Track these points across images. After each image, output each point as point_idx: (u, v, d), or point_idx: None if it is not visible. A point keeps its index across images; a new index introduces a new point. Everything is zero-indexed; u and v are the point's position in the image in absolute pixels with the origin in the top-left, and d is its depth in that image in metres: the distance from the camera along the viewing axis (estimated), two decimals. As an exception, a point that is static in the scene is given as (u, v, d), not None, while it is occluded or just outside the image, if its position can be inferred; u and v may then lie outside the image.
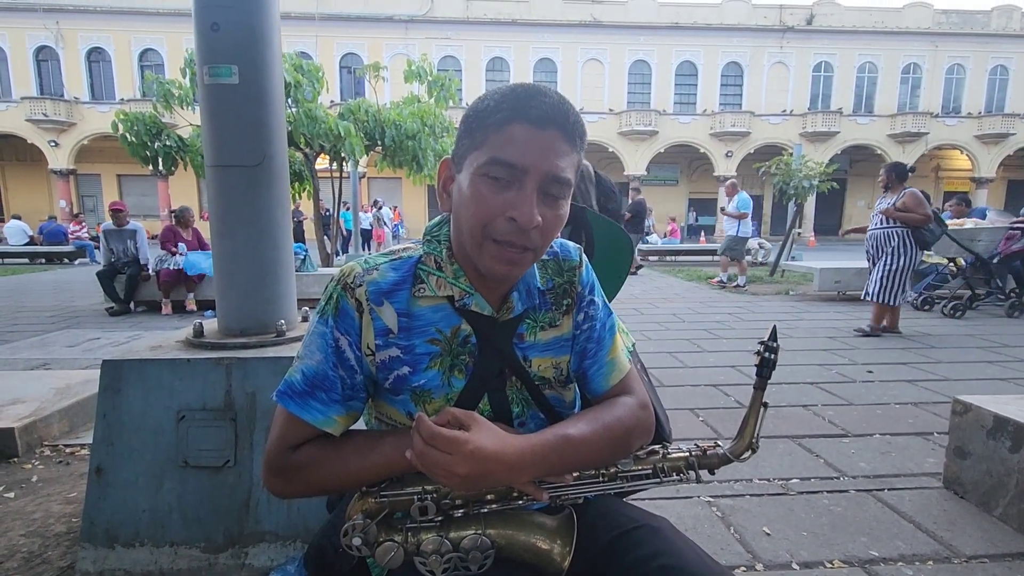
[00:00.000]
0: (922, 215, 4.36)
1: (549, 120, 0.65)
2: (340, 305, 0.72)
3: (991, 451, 1.80)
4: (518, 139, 0.64)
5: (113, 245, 6.19)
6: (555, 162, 0.65)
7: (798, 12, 25.48)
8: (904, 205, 4.43)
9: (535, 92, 0.66)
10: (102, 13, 22.97)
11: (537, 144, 0.64)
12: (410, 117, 6.75)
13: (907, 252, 4.46)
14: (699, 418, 2.72)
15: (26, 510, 1.79)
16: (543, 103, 0.65)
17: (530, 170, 0.64)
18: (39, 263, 12.32)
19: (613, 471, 0.72)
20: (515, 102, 0.65)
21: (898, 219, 4.46)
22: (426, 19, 24.28)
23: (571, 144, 0.67)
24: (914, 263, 4.51)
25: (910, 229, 4.44)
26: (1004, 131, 25.16)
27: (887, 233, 4.55)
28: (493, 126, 0.65)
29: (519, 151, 0.64)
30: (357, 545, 0.67)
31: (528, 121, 0.64)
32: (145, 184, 23.44)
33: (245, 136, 1.55)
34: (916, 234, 4.45)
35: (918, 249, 4.48)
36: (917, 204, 4.39)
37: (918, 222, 4.40)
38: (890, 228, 4.53)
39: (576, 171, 0.70)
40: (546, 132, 0.65)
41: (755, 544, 1.63)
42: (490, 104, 0.66)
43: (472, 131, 0.68)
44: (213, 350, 1.53)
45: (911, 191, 4.45)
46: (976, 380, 3.38)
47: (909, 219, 4.41)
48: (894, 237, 4.50)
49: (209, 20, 1.49)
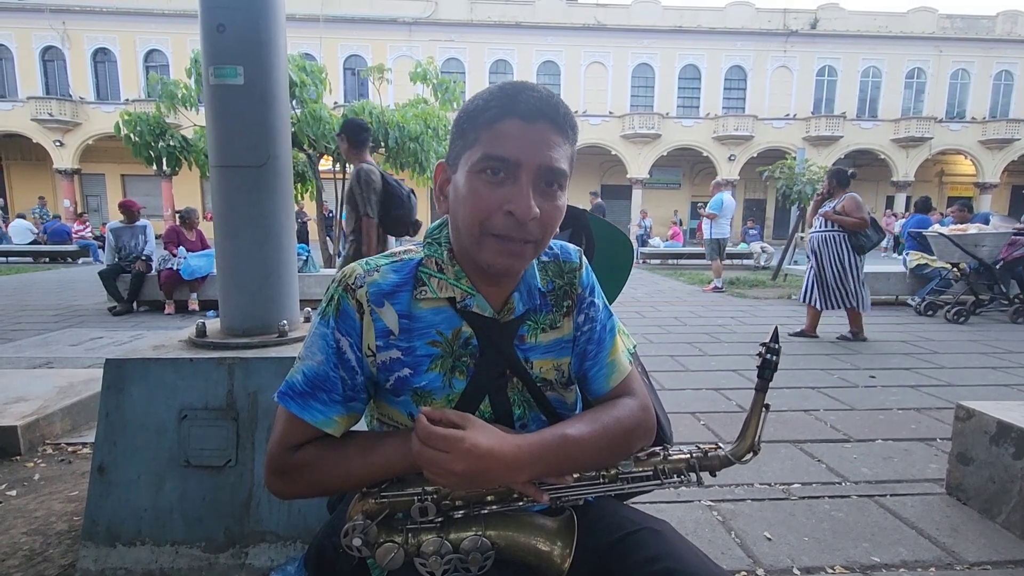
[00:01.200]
0: (858, 219, 4.42)
1: (539, 113, 0.66)
2: (341, 306, 0.72)
3: (994, 457, 1.79)
4: (509, 134, 0.65)
5: (124, 242, 6.21)
6: (548, 154, 0.66)
7: (802, 16, 25.49)
8: (843, 209, 4.50)
9: (523, 87, 0.67)
10: (108, 14, 23.09)
11: (529, 137, 0.65)
12: (413, 119, 6.77)
13: (844, 256, 4.51)
14: (700, 422, 2.72)
15: (28, 508, 1.79)
16: (532, 97, 0.66)
17: (523, 163, 0.65)
18: (43, 262, 12.37)
19: (614, 472, 0.72)
20: (504, 99, 0.66)
21: (837, 222, 4.54)
22: (430, 21, 24.35)
23: (563, 135, 0.68)
24: (855, 267, 4.52)
25: (847, 233, 4.51)
26: (1008, 136, 25.11)
27: (824, 236, 4.64)
28: (484, 124, 0.66)
29: (511, 145, 0.65)
30: (357, 546, 0.67)
31: (518, 115, 0.65)
32: (149, 184, 23.51)
33: (250, 136, 1.56)
34: (852, 239, 4.50)
35: (854, 254, 4.51)
36: (855, 208, 4.46)
37: (855, 226, 4.46)
38: (829, 232, 4.61)
39: (570, 162, 0.70)
40: (536, 125, 0.65)
41: (756, 549, 1.62)
42: (480, 103, 0.67)
43: (464, 131, 0.68)
44: (215, 350, 1.53)
45: (851, 195, 4.52)
46: (979, 386, 3.36)
47: (846, 222, 4.48)
48: (830, 241, 4.58)
49: (215, 21, 1.50)
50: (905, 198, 25.36)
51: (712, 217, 8.01)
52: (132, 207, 6.38)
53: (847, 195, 4.54)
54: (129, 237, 6.25)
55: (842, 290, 4.54)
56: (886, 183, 26.61)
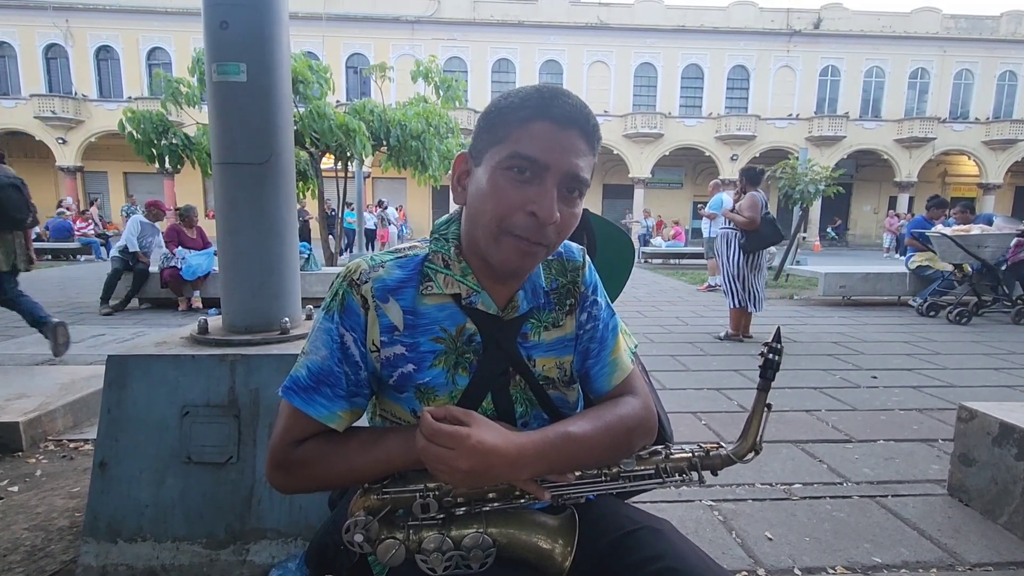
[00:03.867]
0: (746, 218, 4.44)
1: (571, 120, 0.66)
2: (346, 301, 0.72)
3: (996, 458, 1.79)
4: (540, 136, 0.65)
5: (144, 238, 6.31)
6: (575, 161, 0.66)
7: (805, 16, 25.42)
8: (739, 207, 4.54)
9: (558, 92, 0.68)
10: (111, 12, 23.14)
11: (559, 142, 0.66)
12: (415, 117, 6.76)
13: (735, 254, 4.54)
14: (701, 421, 2.71)
15: (30, 504, 1.80)
16: (566, 103, 0.67)
17: (551, 166, 0.65)
18: (45, 259, 12.39)
19: (615, 471, 0.72)
20: (539, 100, 0.66)
21: (730, 220, 4.59)
22: (432, 20, 24.34)
23: (589, 145, 0.69)
24: (740, 265, 4.53)
25: (739, 232, 4.53)
26: (1012, 137, 25.03)
27: (722, 234, 4.68)
28: (516, 122, 0.66)
29: (541, 147, 0.65)
30: (359, 542, 0.67)
31: (551, 119, 0.66)
32: (151, 182, 23.55)
33: (252, 134, 1.56)
34: (742, 237, 4.51)
35: (741, 252, 4.52)
36: (748, 207, 4.47)
37: (742, 225, 4.48)
38: (727, 230, 4.64)
39: (591, 173, 0.71)
40: (567, 131, 0.66)
41: (757, 549, 1.62)
42: (514, 101, 0.68)
43: (494, 126, 0.69)
44: (217, 347, 1.54)
45: (751, 194, 4.53)
46: (981, 387, 3.36)
47: (736, 220, 4.52)
48: (726, 239, 4.63)
49: (218, 18, 1.50)
50: (908, 199, 25.31)
51: (712, 217, 8.10)
52: (160, 207, 6.67)
53: (747, 194, 4.56)
54: (150, 234, 6.41)
55: (730, 287, 4.60)
56: (889, 183, 26.56)
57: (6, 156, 4.07)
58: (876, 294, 6.79)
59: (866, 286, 6.72)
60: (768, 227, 4.47)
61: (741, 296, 4.56)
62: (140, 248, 6.17)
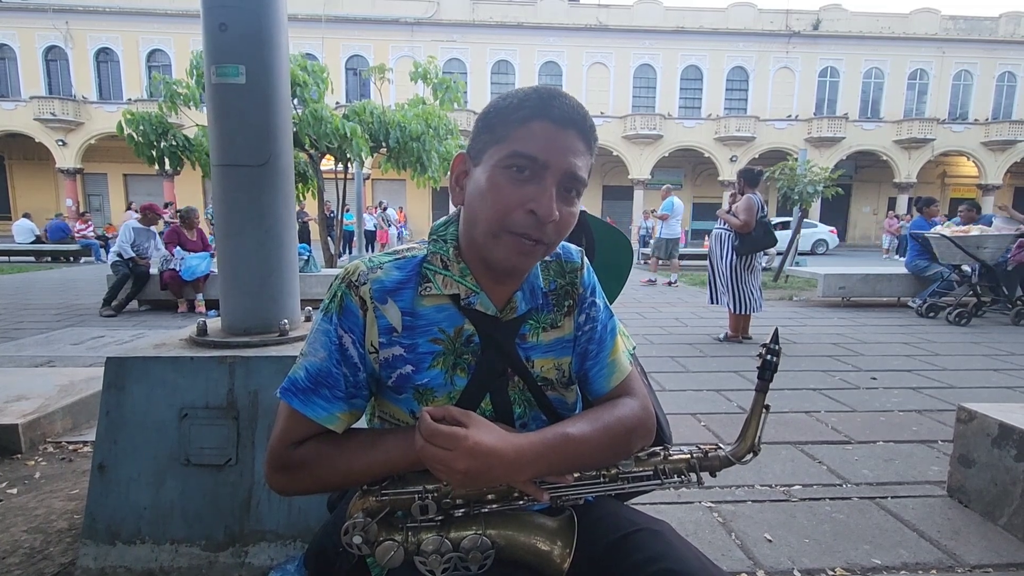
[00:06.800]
0: (741, 221, 4.43)
1: (569, 120, 0.67)
2: (344, 303, 0.72)
3: (996, 459, 1.78)
4: (540, 135, 0.66)
5: (139, 242, 6.30)
6: (573, 160, 0.67)
7: (804, 17, 25.47)
8: (734, 209, 4.52)
9: (557, 93, 0.69)
10: (111, 14, 23.16)
11: (557, 141, 0.67)
12: (414, 119, 6.77)
13: (728, 256, 4.54)
14: (700, 423, 2.71)
15: (28, 506, 1.80)
16: (564, 104, 0.68)
17: (550, 165, 0.66)
18: (45, 261, 12.40)
19: (614, 472, 0.72)
20: (538, 101, 0.67)
21: (725, 221, 4.58)
22: (432, 22, 24.37)
23: (587, 145, 0.70)
24: (734, 268, 4.52)
25: (734, 233, 4.52)
26: (1011, 138, 25.06)
27: (717, 234, 4.68)
28: (516, 122, 0.67)
29: (540, 146, 0.66)
30: (357, 543, 0.67)
31: (550, 119, 0.67)
32: (151, 184, 23.56)
33: (251, 135, 1.56)
34: (735, 239, 4.51)
35: (734, 254, 4.52)
36: (743, 210, 4.45)
37: (736, 227, 4.47)
38: (721, 230, 4.64)
39: (588, 174, 0.71)
40: (566, 131, 0.67)
41: (756, 551, 1.62)
42: (513, 102, 0.69)
43: (493, 126, 0.69)
44: (216, 349, 1.53)
45: (747, 197, 4.52)
46: (981, 388, 3.36)
47: (731, 222, 4.51)
48: (721, 240, 4.62)
49: (217, 20, 1.50)
50: (907, 200, 25.34)
51: (664, 218, 9.00)
52: (156, 211, 6.62)
53: (744, 196, 4.54)
54: (145, 238, 6.39)
55: (725, 289, 4.59)
56: (888, 184, 26.59)
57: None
58: (875, 295, 6.79)
59: (865, 287, 6.72)
60: (762, 231, 4.48)
61: (730, 297, 4.56)
62: (135, 253, 6.18)
